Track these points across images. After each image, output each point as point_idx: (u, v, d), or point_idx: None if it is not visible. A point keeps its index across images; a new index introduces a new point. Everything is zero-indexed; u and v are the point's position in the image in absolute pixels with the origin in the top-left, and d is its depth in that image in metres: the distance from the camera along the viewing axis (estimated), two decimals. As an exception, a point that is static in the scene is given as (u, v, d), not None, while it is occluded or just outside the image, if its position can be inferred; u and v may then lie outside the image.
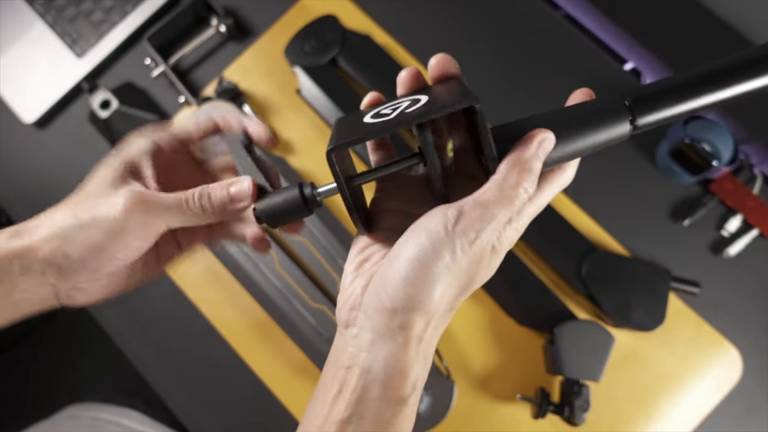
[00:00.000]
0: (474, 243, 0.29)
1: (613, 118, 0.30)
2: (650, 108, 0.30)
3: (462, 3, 0.79)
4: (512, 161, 0.30)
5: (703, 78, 0.29)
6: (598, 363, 0.62)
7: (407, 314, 0.29)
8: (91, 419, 0.72)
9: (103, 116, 0.73)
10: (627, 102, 0.30)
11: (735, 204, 0.69)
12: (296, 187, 0.34)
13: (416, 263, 0.29)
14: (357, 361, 0.30)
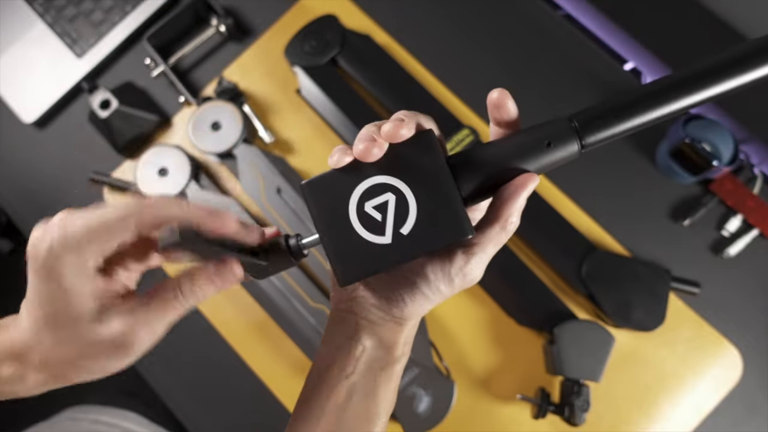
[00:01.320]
0: (471, 280, 0.35)
1: (563, 141, 0.33)
2: (595, 129, 0.32)
3: (462, 3, 0.79)
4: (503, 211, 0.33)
5: (642, 97, 0.32)
6: (598, 363, 0.62)
7: (404, 319, 0.36)
8: (91, 422, 0.72)
9: (103, 116, 0.73)
10: (574, 124, 0.32)
11: (735, 204, 0.69)
12: (282, 239, 0.35)
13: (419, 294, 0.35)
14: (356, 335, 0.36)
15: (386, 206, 0.33)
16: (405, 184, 0.32)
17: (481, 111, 0.75)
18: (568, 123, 0.33)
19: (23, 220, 0.77)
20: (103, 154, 0.77)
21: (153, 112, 0.76)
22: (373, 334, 0.37)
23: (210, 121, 0.72)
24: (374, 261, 0.33)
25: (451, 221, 0.32)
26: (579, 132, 0.32)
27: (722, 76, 0.32)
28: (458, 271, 0.34)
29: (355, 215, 0.33)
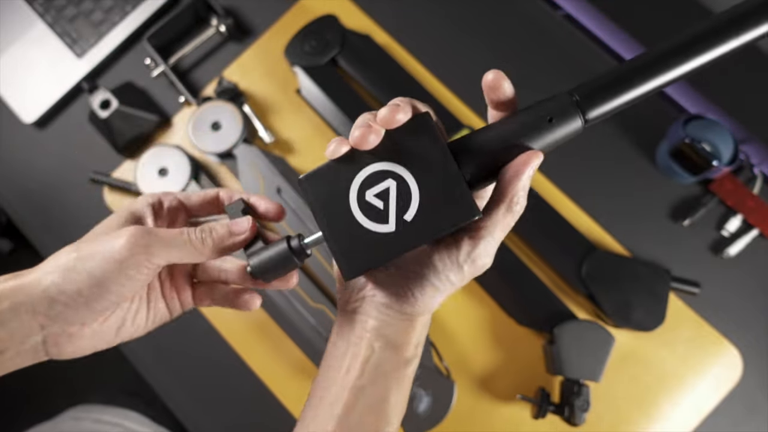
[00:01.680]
0: (480, 265, 0.34)
1: (566, 116, 0.32)
2: (597, 101, 0.31)
3: (462, 3, 0.79)
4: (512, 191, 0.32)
5: (643, 65, 0.31)
6: (598, 363, 0.62)
7: (415, 315, 0.35)
8: (93, 421, 0.72)
9: (103, 116, 0.73)
10: (575, 98, 0.32)
11: (735, 204, 0.69)
12: (284, 240, 0.35)
13: (428, 284, 0.34)
14: (363, 336, 0.35)
15: (387, 193, 0.32)
16: (405, 168, 0.31)
17: (481, 111, 0.75)
18: (569, 97, 0.32)
19: (23, 220, 0.77)
20: (103, 154, 0.77)
21: (153, 112, 0.76)
22: (382, 335, 0.35)
23: (210, 121, 0.72)
24: (379, 251, 0.31)
25: (456, 204, 0.31)
26: (581, 106, 0.31)
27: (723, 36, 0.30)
28: (466, 258, 0.33)
29: (356, 205, 0.32)
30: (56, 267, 0.34)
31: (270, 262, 0.35)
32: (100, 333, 0.36)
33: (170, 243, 0.35)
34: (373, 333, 0.35)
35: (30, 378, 1.33)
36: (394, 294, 0.34)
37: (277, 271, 0.35)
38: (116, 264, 0.33)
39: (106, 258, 0.33)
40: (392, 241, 0.31)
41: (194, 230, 0.35)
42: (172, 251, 0.35)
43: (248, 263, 0.36)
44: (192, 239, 0.35)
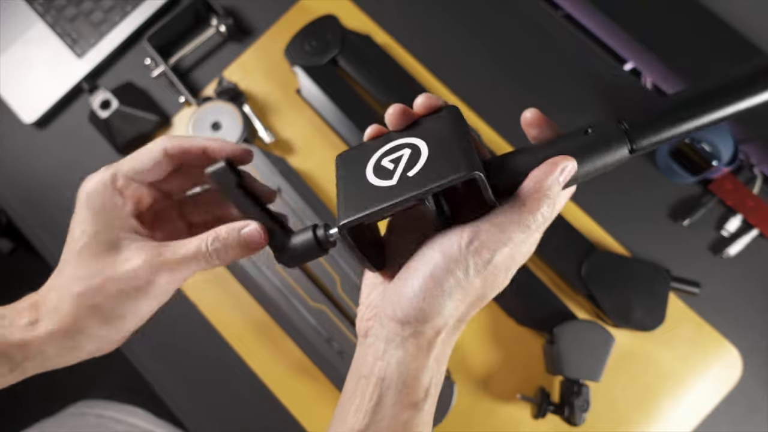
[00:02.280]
0: (489, 263, 0.30)
1: (612, 144, 0.31)
2: (647, 132, 0.31)
3: (462, 3, 0.79)
4: (533, 186, 0.31)
5: (697, 99, 0.30)
6: (598, 363, 0.62)
7: (418, 325, 0.31)
8: (97, 416, 0.72)
9: (103, 116, 0.73)
10: (624, 126, 0.31)
11: (735, 204, 0.69)
12: (310, 229, 0.35)
13: (429, 279, 0.31)
14: (373, 369, 0.32)
15: (400, 158, 0.33)
16: (423, 141, 0.33)
17: (481, 111, 0.75)
18: (617, 126, 0.31)
19: (23, 220, 0.77)
20: (103, 154, 0.77)
21: (153, 112, 0.76)
22: (390, 365, 0.31)
23: (210, 121, 0.72)
24: (375, 200, 0.31)
25: (456, 161, 0.31)
26: (630, 135, 0.31)
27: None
28: (468, 244, 0.30)
29: (371, 169, 0.33)
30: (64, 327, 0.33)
31: (297, 252, 0.35)
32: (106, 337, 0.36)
33: (189, 261, 0.34)
34: (381, 362, 0.31)
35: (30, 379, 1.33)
36: (398, 301, 0.31)
37: (304, 259, 0.36)
38: (140, 292, 0.33)
39: (125, 290, 0.32)
40: (390, 193, 0.31)
41: (208, 243, 0.34)
42: (192, 268, 0.34)
43: (275, 255, 0.36)
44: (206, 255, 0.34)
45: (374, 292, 0.35)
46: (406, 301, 0.31)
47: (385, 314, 0.32)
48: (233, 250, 0.34)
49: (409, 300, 0.31)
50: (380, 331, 0.32)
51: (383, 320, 0.32)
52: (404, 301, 0.31)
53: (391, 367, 0.31)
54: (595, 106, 0.74)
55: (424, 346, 0.31)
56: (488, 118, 0.74)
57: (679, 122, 0.30)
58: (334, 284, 0.68)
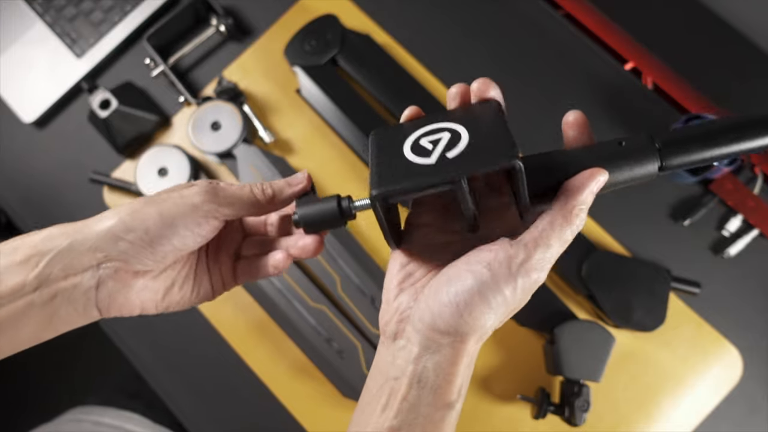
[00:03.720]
0: (537, 283, 0.32)
1: (644, 160, 0.32)
2: (678, 153, 0.32)
3: (462, 3, 0.79)
4: (569, 201, 0.32)
5: (732, 128, 0.31)
6: (599, 363, 0.62)
7: (460, 336, 0.32)
8: (94, 423, 0.72)
9: (102, 116, 0.73)
10: (657, 145, 0.32)
11: (735, 204, 0.69)
12: (334, 198, 0.37)
13: (476, 294, 0.31)
14: (405, 371, 0.32)
15: (440, 140, 0.33)
16: (464, 127, 0.33)
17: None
18: (651, 143, 0.32)
19: (23, 220, 0.77)
20: (103, 154, 0.77)
21: (153, 112, 0.76)
22: (425, 368, 0.32)
23: (210, 121, 0.72)
24: (413, 177, 0.32)
25: (497, 148, 0.31)
26: (662, 154, 0.32)
27: None
28: (520, 267, 0.31)
29: (409, 147, 0.33)
30: (122, 209, 0.35)
31: (317, 215, 0.37)
32: (151, 289, 0.37)
33: (236, 195, 0.37)
34: (414, 365, 0.32)
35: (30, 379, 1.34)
36: (441, 311, 0.32)
37: (321, 225, 0.37)
38: (188, 208, 0.35)
39: (178, 202, 0.35)
40: (429, 172, 0.31)
41: (256, 185, 0.38)
42: (237, 204, 0.36)
43: (296, 211, 0.37)
44: (255, 191, 0.37)
45: (403, 295, 0.34)
46: (449, 314, 0.31)
47: (422, 321, 0.32)
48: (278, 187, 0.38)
49: (452, 313, 0.31)
50: (414, 336, 0.32)
51: (418, 326, 0.32)
52: (446, 313, 0.31)
53: (427, 370, 0.32)
54: (595, 106, 0.74)
55: (461, 353, 0.32)
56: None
57: (711, 147, 0.32)
58: (334, 284, 0.68)
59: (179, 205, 0.35)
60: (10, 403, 1.13)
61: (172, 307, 0.39)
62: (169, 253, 0.35)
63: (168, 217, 0.35)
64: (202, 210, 0.35)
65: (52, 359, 1.23)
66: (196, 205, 0.35)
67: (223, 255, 0.41)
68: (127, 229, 0.34)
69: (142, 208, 0.35)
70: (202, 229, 0.36)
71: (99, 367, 1.06)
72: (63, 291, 0.34)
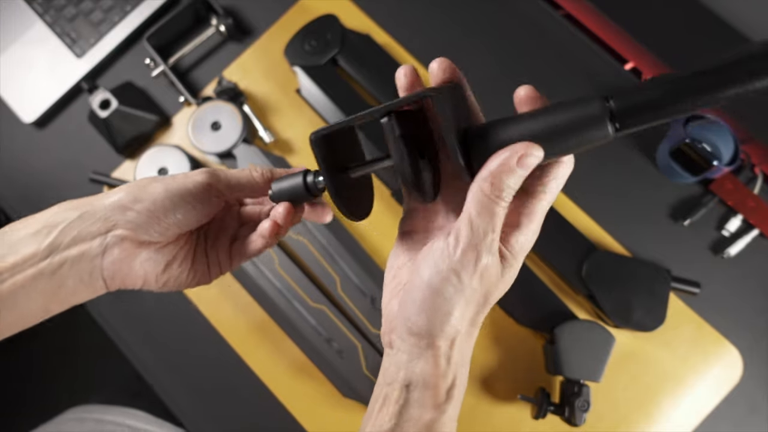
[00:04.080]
0: (478, 262, 0.31)
1: (597, 122, 0.30)
2: (634, 112, 0.30)
3: (462, 2, 0.79)
4: (491, 175, 0.30)
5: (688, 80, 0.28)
6: (599, 363, 0.62)
7: (430, 338, 0.32)
8: (96, 421, 0.72)
9: (102, 116, 0.73)
10: (610, 104, 0.30)
11: (735, 204, 0.69)
12: (301, 173, 0.39)
13: (428, 291, 0.31)
14: (397, 377, 0.33)
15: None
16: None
17: (481, 111, 0.75)
18: (604, 104, 0.30)
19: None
20: (103, 154, 0.77)
21: (153, 112, 0.76)
22: (413, 372, 0.33)
23: (210, 121, 0.72)
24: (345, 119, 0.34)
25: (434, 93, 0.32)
26: (615, 115, 0.30)
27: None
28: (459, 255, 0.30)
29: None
30: (130, 184, 0.38)
31: (286, 189, 0.39)
32: (153, 260, 0.38)
33: (237, 177, 0.40)
34: (405, 370, 0.33)
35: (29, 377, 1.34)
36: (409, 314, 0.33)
37: (291, 198, 0.39)
38: (193, 185, 0.38)
39: (183, 181, 0.38)
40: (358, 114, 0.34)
41: (255, 167, 0.41)
42: (237, 185, 0.40)
43: (270, 187, 0.40)
44: (254, 174, 0.40)
45: (394, 300, 0.35)
46: (414, 315, 0.32)
47: (403, 328, 0.33)
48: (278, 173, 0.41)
49: (417, 314, 0.32)
50: (401, 344, 0.33)
51: (402, 334, 0.33)
52: (413, 315, 0.32)
53: (415, 375, 0.32)
54: (595, 106, 0.74)
55: (442, 356, 0.32)
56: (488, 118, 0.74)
57: (670, 104, 0.29)
58: (334, 284, 0.68)
59: (184, 183, 0.38)
60: (10, 403, 1.13)
61: (171, 282, 0.40)
62: (173, 226, 0.38)
63: (174, 192, 0.37)
64: (205, 189, 0.38)
65: (53, 360, 1.24)
66: (200, 183, 0.38)
67: (221, 239, 0.43)
68: (135, 200, 0.37)
69: (150, 183, 0.38)
70: (204, 207, 0.38)
71: (100, 367, 1.06)
72: (71, 259, 0.36)
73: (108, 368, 0.91)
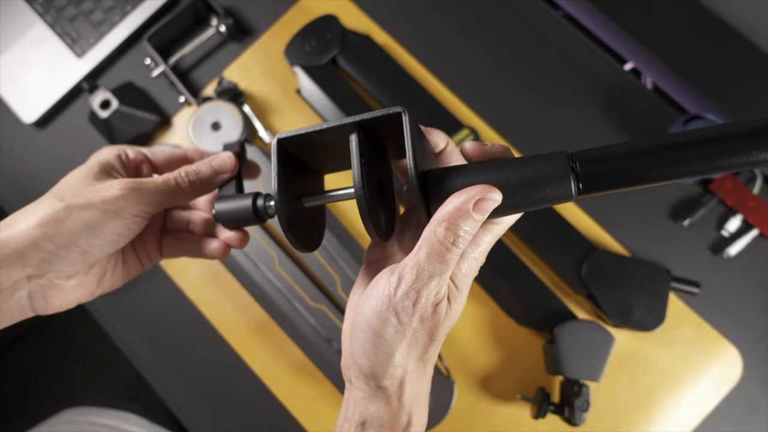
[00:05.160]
0: (417, 304, 0.29)
1: (558, 181, 0.28)
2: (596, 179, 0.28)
3: (462, 3, 0.79)
4: (446, 218, 0.29)
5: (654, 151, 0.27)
6: (598, 363, 0.62)
7: (377, 380, 0.31)
8: (90, 424, 0.72)
9: (103, 116, 0.73)
10: (574, 166, 0.28)
11: (735, 204, 0.69)
12: (251, 196, 0.36)
13: (370, 332, 0.31)
14: (354, 414, 0.33)
15: None
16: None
17: (481, 111, 0.75)
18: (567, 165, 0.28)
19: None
20: (103, 154, 0.77)
21: (153, 112, 0.76)
22: (368, 411, 0.32)
23: (210, 121, 0.72)
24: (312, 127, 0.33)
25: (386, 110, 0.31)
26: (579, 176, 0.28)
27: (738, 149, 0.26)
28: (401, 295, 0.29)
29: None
30: (45, 218, 0.34)
31: (232, 212, 0.37)
32: (85, 284, 0.37)
33: (160, 190, 0.37)
34: (360, 408, 0.32)
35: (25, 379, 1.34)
36: (354, 354, 0.32)
37: (237, 222, 0.37)
38: (112, 214, 0.35)
39: (101, 208, 0.35)
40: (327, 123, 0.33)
41: (180, 175, 0.38)
42: (162, 197, 0.37)
43: (214, 207, 0.38)
44: (180, 183, 0.37)
45: (349, 337, 0.34)
46: (358, 356, 0.32)
47: (354, 368, 0.33)
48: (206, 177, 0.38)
49: (360, 355, 0.31)
50: (356, 382, 0.33)
51: (355, 371, 0.33)
52: (357, 356, 0.32)
53: (370, 413, 0.32)
54: (595, 107, 0.74)
55: (393, 396, 0.32)
56: (488, 118, 0.74)
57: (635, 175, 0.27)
58: (334, 284, 0.68)
59: (103, 211, 0.35)
60: (4, 402, 1.13)
61: (107, 290, 0.39)
62: (99, 255, 0.36)
63: (94, 227, 0.34)
64: (128, 213, 0.35)
65: (52, 361, 1.23)
66: (120, 209, 0.35)
67: (149, 236, 0.41)
68: (55, 245, 0.34)
69: (67, 215, 0.34)
70: (129, 230, 0.36)
71: (98, 369, 1.06)
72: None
73: (106, 371, 0.91)
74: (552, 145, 0.71)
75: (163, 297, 0.72)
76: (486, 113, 0.75)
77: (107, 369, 0.89)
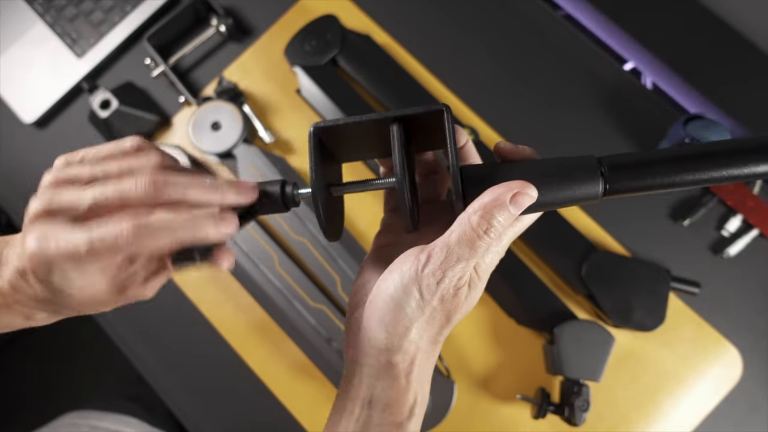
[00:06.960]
0: (441, 283, 0.30)
1: (588, 181, 0.31)
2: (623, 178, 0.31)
3: (462, 2, 0.79)
4: (482, 207, 0.30)
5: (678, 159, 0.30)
6: (599, 363, 0.62)
7: (390, 355, 0.32)
8: (90, 427, 0.72)
9: (103, 116, 0.73)
10: (603, 170, 0.31)
11: (735, 204, 0.69)
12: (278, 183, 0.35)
13: (391, 304, 0.31)
14: (359, 392, 0.33)
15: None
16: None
17: (481, 111, 0.75)
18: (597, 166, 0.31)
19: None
20: (103, 154, 0.77)
21: (153, 112, 0.76)
22: (373, 387, 0.32)
23: (210, 121, 0.72)
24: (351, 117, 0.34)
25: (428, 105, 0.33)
26: (606, 175, 0.31)
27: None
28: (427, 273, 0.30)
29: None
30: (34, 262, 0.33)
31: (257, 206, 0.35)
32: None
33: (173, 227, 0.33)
34: (365, 386, 0.33)
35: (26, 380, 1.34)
36: (369, 326, 0.33)
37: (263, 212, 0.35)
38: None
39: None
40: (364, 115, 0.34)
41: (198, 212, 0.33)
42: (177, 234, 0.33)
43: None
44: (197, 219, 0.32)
45: (357, 313, 0.35)
46: (375, 328, 0.32)
47: (364, 343, 0.33)
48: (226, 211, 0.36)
49: (377, 327, 0.32)
50: (364, 359, 0.33)
51: (364, 349, 0.33)
52: (374, 329, 0.32)
53: (376, 390, 0.32)
54: (595, 107, 0.74)
55: (402, 373, 0.32)
56: (488, 118, 0.74)
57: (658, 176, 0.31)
58: (334, 284, 0.68)
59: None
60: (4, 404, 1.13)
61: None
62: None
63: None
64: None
65: (53, 362, 1.23)
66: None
67: None
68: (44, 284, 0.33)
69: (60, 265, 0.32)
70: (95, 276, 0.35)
71: (99, 369, 1.06)
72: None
73: (107, 371, 0.91)
74: (552, 145, 0.71)
75: (163, 297, 0.72)
76: (486, 113, 0.75)
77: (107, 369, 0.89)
